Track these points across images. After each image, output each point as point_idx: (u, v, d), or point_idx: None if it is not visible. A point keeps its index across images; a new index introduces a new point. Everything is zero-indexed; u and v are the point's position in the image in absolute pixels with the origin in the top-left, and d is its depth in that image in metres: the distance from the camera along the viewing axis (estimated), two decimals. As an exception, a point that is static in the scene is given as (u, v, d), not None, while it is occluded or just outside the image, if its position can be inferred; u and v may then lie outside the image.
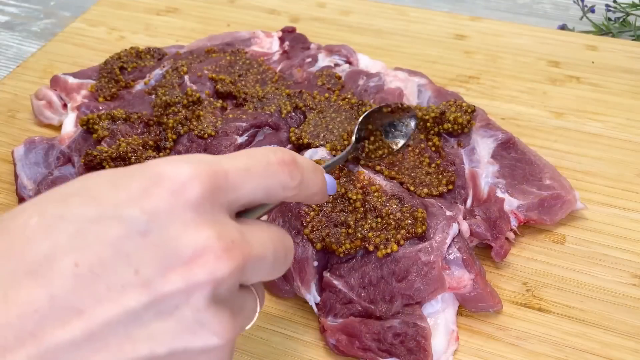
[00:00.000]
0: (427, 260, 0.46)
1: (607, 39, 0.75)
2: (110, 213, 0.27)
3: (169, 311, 0.27)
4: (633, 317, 0.47)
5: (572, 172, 0.58)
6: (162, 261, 0.27)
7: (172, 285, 0.27)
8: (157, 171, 0.28)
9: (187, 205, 0.28)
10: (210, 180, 0.29)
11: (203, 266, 0.27)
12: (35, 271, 0.26)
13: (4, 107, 0.69)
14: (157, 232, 0.27)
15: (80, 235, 0.26)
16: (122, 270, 0.26)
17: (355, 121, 0.58)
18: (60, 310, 0.25)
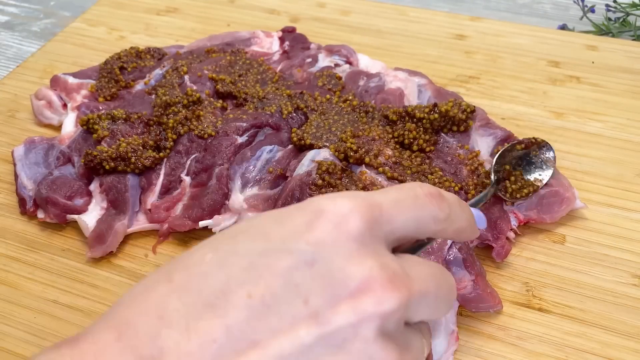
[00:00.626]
0: (427, 261, 0.46)
1: (607, 39, 0.75)
2: (277, 246, 0.28)
3: (337, 344, 0.27)
4: (633, 317, 0.47)
5: (572, 172, 0.58)
6: (330, 291, 0.27)
7: (341, 317, 0.27)
8: (318, 207, 0.30)
9: (350, 236, 0.29)
10: (368, 212, 0.30)
11: (371, 297, 0.27)
12: (212, 303, 0.27)
13: (4, 107, 0.69)
14: (323, 262, 0.28)
15: (252, 267, 0.28)
16: (292, 301, 0.27)
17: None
18: (236, 341, 0.26)
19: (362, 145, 0.55)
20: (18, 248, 0.54)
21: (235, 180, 0.55)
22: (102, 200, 0.55)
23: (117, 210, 0.54)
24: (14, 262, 0.53)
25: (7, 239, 0.55)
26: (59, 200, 0.54)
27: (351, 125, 0.58)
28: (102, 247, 0.52)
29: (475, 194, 0.52)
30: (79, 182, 0.56)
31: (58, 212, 0.54)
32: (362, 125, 0.58)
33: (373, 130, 0.57)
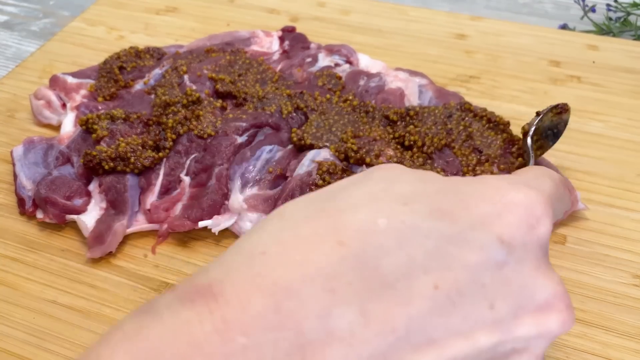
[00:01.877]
0: (428, 261, 0.46)
1: (608, 39, 0.75)
2: (466, 235, 0.25)
3: (506, 352, 0.25)
4: (634, 317, 0.47)
5: (573, 172, 0.58)
6: (517, 300, 0.25)
7: (523, 329, 0.25)
8: (510, 197, 0.27)
9: (539, 243, 0.27)
10: (551, 217, 0.28)
11: (556, 317, 0.26)
12: (392, 285, 0.24)
13: (3, 106, 0.69)
14: (513, 266, 0.25)
15: (439, 254, 0.25)
16: (478, 302, 0.25)
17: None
18: (415, 335, 0.23)
19: (362, 145, 0.55)
20: (17, 248, 0.54)
21: (235, 180, 0.55)
22: (102, 200, 0.55)
23: (116, 210, 0.54)
24: (12, 263, 0.53)
25: (5, 239, 0.55)
26: (58, 200, 0.54)
27: (352, 126, 0.58)
28: (102, 248, 0.52)
29: None
30: (78, 182, 0.56)
31: (57, 212, 0.54)
32: (363, 126, 0.58)
33: (374, 130, 0.57)
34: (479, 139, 0.56)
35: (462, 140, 0.56)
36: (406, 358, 0.23)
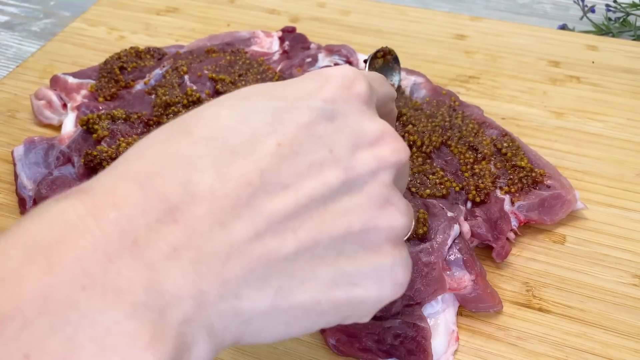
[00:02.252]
0: (428, 261, 0.46)
1: (607, 39, 0.75)
2: (296, 104, 0.29)
3: (359, 188, 0.29)
4: (633, 317, 0.47)
5: (572, 172, 0.58)
6: (351, 142, 0.29)
7: (362, 162, 0.29)
8: (326, 73, 0.32)
9: (359, 98, 0.31)
10: (367, 81, 0.33)
11: (387, 147, 0.30)
12: (241, 151, 0.27)
13: (4, 107, 0.69)
14: (341, 118, 0.30)
15: (276, 120, 0.28)
16: (318, 150, 0.28)
17: None
18: (270, 184, 0.26)
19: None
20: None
21: (235, 180, 0.55)
22: (102, 200, 0.55)
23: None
24: (13, 262, 0.53)
25: (7, 239, 0.55)
26: (59, 200, 0.54)
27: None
28: (102, 247, 0.52)
29: (476, 195, 0.52)
30: (79, 182, 0.56)
31: (58, 212, 0.54)
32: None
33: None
34: (472, 137, 0.57)
35: (457, 138, 0.56)
36: (266, 203, 0.26)
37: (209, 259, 0.24)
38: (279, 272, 0.26)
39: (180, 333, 0.23)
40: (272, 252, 0.26)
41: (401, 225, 0.30)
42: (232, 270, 0.25)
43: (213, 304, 0.24)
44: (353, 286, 0.28)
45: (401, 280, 0.30)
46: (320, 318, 0.28)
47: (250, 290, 0.25)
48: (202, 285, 0.24)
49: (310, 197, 0.27)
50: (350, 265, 0.28)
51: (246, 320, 0.26)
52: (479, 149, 0.55)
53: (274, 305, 0.26)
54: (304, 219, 0.27)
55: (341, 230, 0.28)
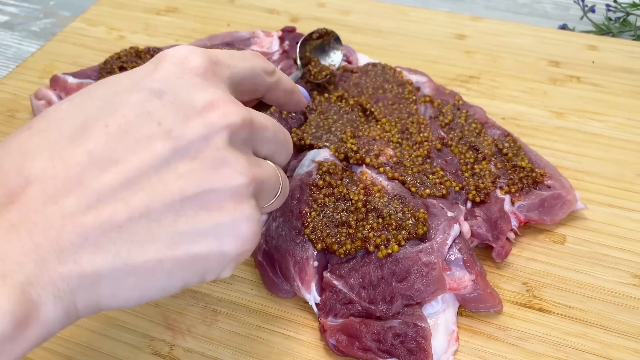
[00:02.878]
0: (428, 261, 0.46)
1: (607, 39, 0.75)
2: (128, 87, 0.32)
3: (192, 155, 0.31)
4: (633, 317, 0.47)
5: (573, 172, 0.58)
6: (180, 112, 0.32)
7: (192, 130, 0.31)
8: (161, 55, 0.35)
9: (193, 71, 0.34)
10: (206, 55, 0.35)
11: (217, 112, 0.32)
12: (72, 137, 0.30)
13: (4, 107, 0.69)
14: (172, 92, 0.32)
15: (106, 104, 0.31)
16: (147, 125, 0.31)
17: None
18: (98, 162, 0.29)
19: (362, 145, 0.55)
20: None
21: (235, 180, 0.55)
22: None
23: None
24: (13, 262, 0.53)
25: (6, 239, 0.55)
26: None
27: (350, 125, 0.58)
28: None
29: (476, 195, 0.52)
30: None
31: (58, 212, 0.54)
32: (361, 125, 0.58)
33: (373, 130, 0.57)
34: (473, 137, 0.57)
35: (458, 138, 0.56)
36: (96, 179, 0.29)
37: (45, 230, 0.28)
38: (115, 238, 0.29)
39: (24, 292, 0.27)
40: (105, 221, 0.29)
41: (239, 183, 0.32)
42: (67, 238, 0.28)
43: (53, 268, 0.28)
44: (192, 244, 0.31)
45: (244, 233, 0.32)
46: (172, 278, 0.31)
47: (88, 255, 0.28)
48: (40, 252, 0.27)
49: (139, 169, 0.30)
50: (189, 225, 0.31)
51: (94, 283, 0.29)
52: (480, 149, 0.55)
53: (114, 267, 0.29)
54: (135, 189, 0.30)
55: (175, 194, 0.30)
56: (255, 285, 0.50)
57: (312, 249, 0.48)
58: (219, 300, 0.49)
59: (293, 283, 0.48)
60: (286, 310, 0.49)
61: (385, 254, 0.46)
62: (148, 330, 0.47)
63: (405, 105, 0.61)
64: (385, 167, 0.53)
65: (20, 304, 0.26)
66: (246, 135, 0.34)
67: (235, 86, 0.37)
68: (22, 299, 0.26)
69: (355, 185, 0.51)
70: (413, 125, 0.58)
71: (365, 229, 0.48)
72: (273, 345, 0.46)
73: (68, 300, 0.28)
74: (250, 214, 0.32)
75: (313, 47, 0.64)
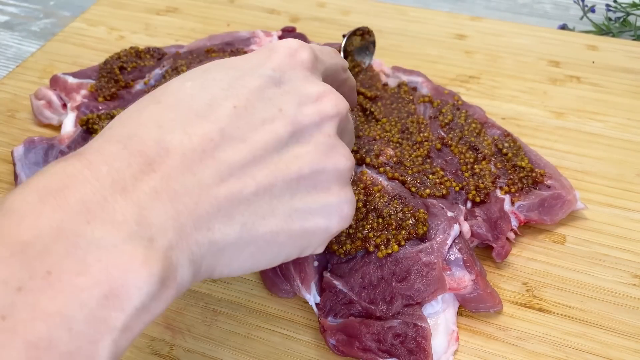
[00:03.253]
0: (428, 261, 0.46)
1: (607, 39, 0.75)
2: (249, 72, 0.35)
3: (306, 139, 0.34)
4: (634, 317, 0.47)
5: (573, 172, 0.58)
6: (297, 101, 0.35)
7: (307, 117, 0.34)
8: (272, 46, 0.37)
9: (303, 65, 0.37)
10: (311, 50, 0.38)
11: (328, 102, 0.36)
12: (203, 114, 0.32)
13: (4, 107, 0.69)
14: (287, 82, 0.35)
15: (230, 87, 0.34)
16: (269, 109, 0.34)
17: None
18: (229, 139, 0.32)
19: (362, 145, 0.55)
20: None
21: (235, 180, 0.55)
22: (102, 200, 0.55)
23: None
24: (13, 262, 0.53)
25: (6, 239, 0.55)
26: (59, 200, 0.54)
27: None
28: (102, 247, 0.52)
29: (476, 195, 0.52)
30: (79, 182, 0.56)
31: (58, 212, 0.54)
32: (361, 125, 0.58)
33: (373, 130, 0.57)
34: (473, 137, 0.57)
35: (458, 138, 0.56)
36: (228, 154, 0.31)
37: (184, 199, 0.30)
38: (242, 210, 0.32)
39: (167, 257, 0.28)
40: (236, 193, 0.31)
41: (345, 167, 0.36)
42: (203, 208, 0.30)
43: (191, 234, 0.30)
44: (305, 220, 0.34)
45: (346, 213, 0.36)
46: (281, 250, 0.34)
47: (219, 224, 0.31)
48: (181, 219, 0.29)
49: (264, 148, 0.32)
50: (303, 203, 0.34)
51: (220, 250, 0.31)
52: (480, 149, 0.55)
53: (240, 236, 0.32)
54: (261, 166, 0.32)
55: (294, 173, 0.33)
56: (255, 285, 0.50)
57: (312, 249, 0.48)
58: (219, 300, 0.49)
59: (293, 283, 0.48)
60: (286, 310, 0.49)
61: (385, 254, 0.46)
62: (147, 330, 0.47)
63: (404, 104, 0.61)
64: (385, 167, 0.53)
65: (165, 267, 0.28)
66: (345, 125, 0.38)
67: (324, 79, 0.40)
68: (165, 262, 0.28)
69: (355, 185, 0.51)
70: (413, 125, 0.58)
71: (365, 229, 0.48)
72: (273, 345, 0.46)
73: (198, 264, 0.30)
74: (352, 196, 0.36)
75: (353, 43, 0.66)
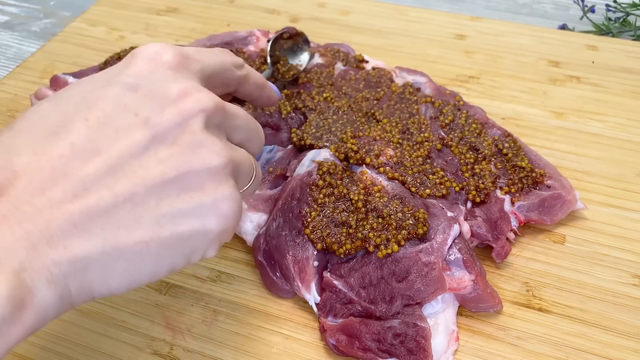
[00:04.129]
0: (428, 261, 0.46)
1: (607, 39, 0.75)
2: (104, 83, 0.34)
3: (170, 141, 0.33)
4: (633, 317, 0.47)
5: (573, 172, 0.58)
6: (155, 102, 0.33)
7: (168, 117, 0.33)
8: (133, 52, 0.36)
9: (165, 65, 0.35)
10: (176, 50, 0.36)
11: (190, 99, 0.34)
12: (55, 132, 0.31)
13: (4, 107, 0.69)
14: (146, 86, 0.34)
15: (84, 100, 0.33)
16: (124, 116, 0.32)
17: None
18: (81, 153, 0.31)
19: (362, 145, 0.55)
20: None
21: (235, 180, 0.55)
22: (102, 200, 0.55)
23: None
24: (14, 262, 0.53)
25: (7, 239, 0.55)
26: (59, 200, 0.54)
27: (351, 125, 0.58)
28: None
29: (476, 195, 0.52)
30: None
31: (58, 212, 0.54)
32: (362, 126, 0.58)
33: (373, 130, 0.57)
34: (473, 137, 0.57)
35: (459, 139, 0.56)
36: (80, 169, 0.31)
37: (34, 219, 0.29)
38: (102, 223, 0.30)
39: (18, 278, 0.28)
40: (91, 207, 0.30)
41: (217, 164, 0.33)
42: (57, 225, 0.29)
43: (45, 253, 0.29)
44: (176, 225, 0.32)
45: (225, 212, 0.34)
46: (159, 260, 0.32)
47: (77, 240, 0.30)
48: (32, 239, 0.29)
49: (120, 157, 0.31)
50: (172, 207, 0.32)
51: (85, 267, 0.30)
52: (480, 149, 0.55)
53: (103, 251, 0.30)
54: (118, 175, 0.31)
55: (157, 178, 0.32)
56: (255, 285, 0.51)
57: (312, 249, 0.48)
58: (219, 300, 0.49)
59: (293, 283, 0.48)
60: (286, 310, 0.49)
61: (385, 254, 0.46)
62: (148, 330, 0.47)
63: (407, 105, 0.61)
64: (385, 167, 0.53)
65: (16, 288, 0.27)
66: (220, 120, 0.35)
67: (207, 79, 0.38)
68: (17, 283, 0.27)
69: (355, 185, 0.51)
70: (414, 125, 0.58)
71: (365, 229, 0.48)
72: (273, 345, 0.46)
73: (61, 285, 0.29)
74: (230, 193, 0.34)
75: (283, 46, 0.66)
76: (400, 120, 0.59)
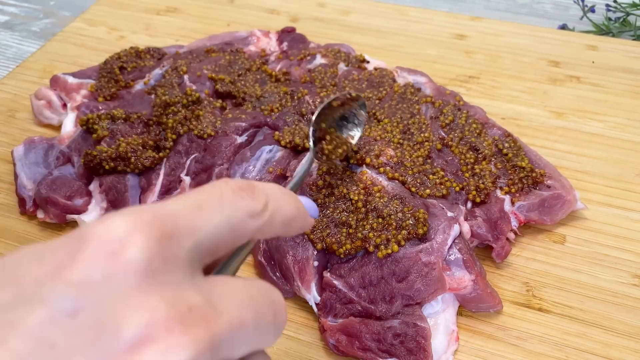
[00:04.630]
0: (428, 261, 0.46)
1: (607, 39, 0.75)
2: (29, 294, 0.21)
3: None
4: (633, 317, 0.47)
5: (573, 172, 0.58)
6: (99, 349, 0.21)
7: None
8: (84, 232, 0.23)
9: (130, 267, 0.22)
10: (156, 229, 0.23)
11: (153, 349, 0.21)
12: None
13: (4, 107, 0.69)
14: (90, 309, 0.21)
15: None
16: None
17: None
18: None
19: (363, 145, 0.55)
20: (18, 248, 0.54)
21: (235, 180, 0.55)
22: (102, 200, 0.55)
23: (117, 210, 0.54)
24: (13, 262, 0.53)
25: (7, 239, 0.55)
26: (59, 200, 0.54)
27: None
28: (102, 247, 0.51)
29: (476, 195, 0.52)
30: (79, 182, 0.56)
31: (58, 212, 0.54)
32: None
33: (374, 130, 0.57)
34: (473, 137, 0.57)
35: (459, 139, 0.56)
36: None
37: None
38: None
39: None
40: None
41: None
42: None
43: None
44: None
45: None
46: None
47: None
48: None
49: None
50: None
51: None
52: (480, 149, 0.55)
53: None
54: None
55: None
56: (255, 285, 0.50)
57: (312, 249, 0.48)
58: (219, 300, 0.49)
59: (293, 283, 0.48)
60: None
61: (385, 254, 0.46)
62: (148, 330, 0.47)
63: (409, 105, 0.61)
64: (385, 167, 0.53)
65: None
66: (210, 358, 0.22)
67: (205, 252, 0.26)
68: None
69: (356, 185, 0.51)
70: (415, 125, 0.58)
71: (365, 229, 0.48)
72: (273, 345, 0.46)
73: None
74: None
75: (332, 115, 0.52)
76: (402, 120, 0.59)
